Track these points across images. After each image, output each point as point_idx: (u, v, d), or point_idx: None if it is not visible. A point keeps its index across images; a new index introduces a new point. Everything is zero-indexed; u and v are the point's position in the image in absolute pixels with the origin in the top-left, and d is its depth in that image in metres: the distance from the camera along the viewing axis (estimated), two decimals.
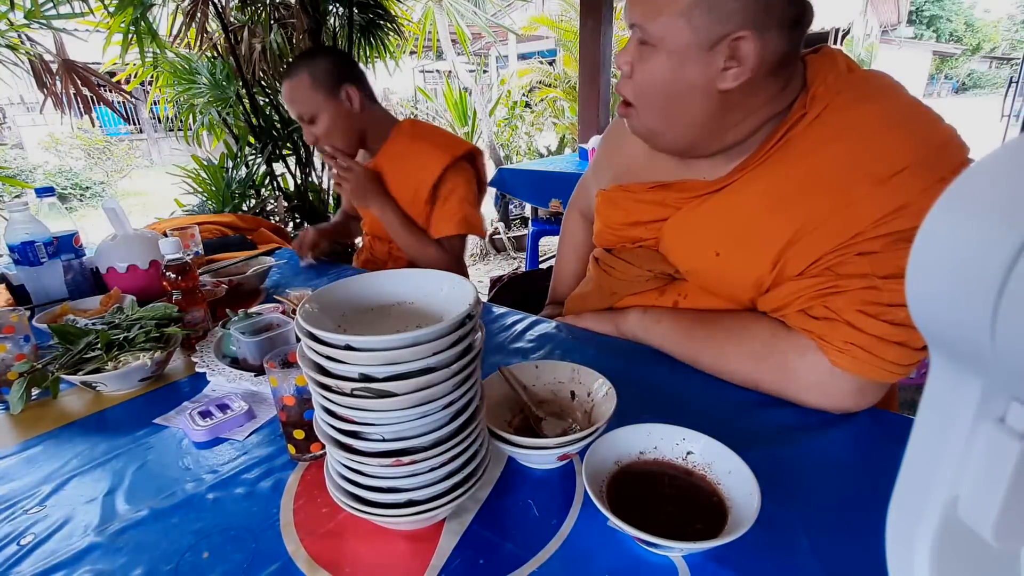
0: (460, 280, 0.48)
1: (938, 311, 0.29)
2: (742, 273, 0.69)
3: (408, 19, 3.37)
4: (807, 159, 0.64)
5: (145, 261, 1.10)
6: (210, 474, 0.59)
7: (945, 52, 19.42)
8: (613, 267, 0.85)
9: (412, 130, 1.32)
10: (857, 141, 0.62)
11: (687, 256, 0.75)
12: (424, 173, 1.27)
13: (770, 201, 0.66)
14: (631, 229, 0.81)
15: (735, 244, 0.69)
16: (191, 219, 1.66)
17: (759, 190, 0.67)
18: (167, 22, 2.37)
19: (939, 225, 0.30)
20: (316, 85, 1.21)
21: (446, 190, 1.27)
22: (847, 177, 0.61)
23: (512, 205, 4.61)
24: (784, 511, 0.49)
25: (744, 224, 0.68)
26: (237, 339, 0.79)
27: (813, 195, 0.63)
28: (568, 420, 0.61)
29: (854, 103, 0.63)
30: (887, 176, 0.59)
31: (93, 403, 0.74)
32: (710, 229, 0.72)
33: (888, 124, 0.61)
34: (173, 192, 2.85)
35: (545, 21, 6.17)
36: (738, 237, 0.69)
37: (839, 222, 0.61)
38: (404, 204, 1.31)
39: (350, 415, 0.42)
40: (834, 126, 0.63)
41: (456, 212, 1.27)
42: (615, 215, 0.83)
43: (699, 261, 0.74)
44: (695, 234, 0.73)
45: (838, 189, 0.61)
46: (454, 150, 1.28)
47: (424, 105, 5.75)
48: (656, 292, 0.82)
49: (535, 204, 2.97)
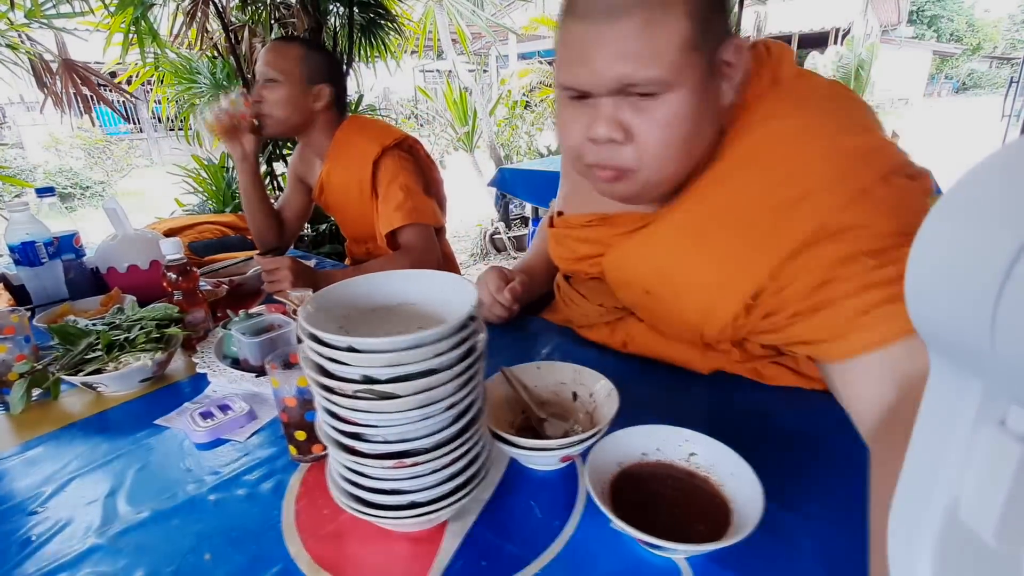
0: (462, 281, 0.47)
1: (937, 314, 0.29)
2: (675, 312, 0.66)
3: (409, 18, 3.36)
4: (719, 188, 0.60)
5: (146, 261, 1.09)
6: (211, 475, 0.58)
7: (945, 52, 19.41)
8: (571, 299, 0.85)
9: (350, 127, 1.31)
10: (765, 166, 0.58)
11: (624, 293, 0.74)
12: (360, 169, 1.26)
13: (689, 236, 0.62)
14: (576, 264, 0.79)
15: (661, 282, 0.66)
16: (191, 219, 1.66)
17: (677, 225, 0.63)
18: (168, 22, 2.37)
19: (938, 228, 0.29)
20: (301, 63, 1.23)
21: (384, 181, 1.25)
22: (758, 206, 0.57)
23: (512, 205, 4.61)
24: (786, 513, 0.49)
25: (667, 261, 0.64)
26: (238, 340, 0.78)
27: (728, 228, 0.59)
28: (570, 421, 0.61)
29: (765, 120, 0.59)
30: (796, 200, 0.55)
31: (94, 404, 0.74)
32: (639, 266, 0.68)
33: (797, 142, 0.57)
34: (173, 192, 2.85)
35: (545, 21, 6.17)
36: (664, 275, 0.65)
37: (760, 255, 0.57)
38: (355, 203, 1.30)
39: (352, 417, 0.42)
40: (746, 148, 0.59)
41: (402, 202, 1.23)
42: (559, 251, 0.81)
43: (635, 298, 0.72)
44: (627, 271, 0.70)
45: (750, 220, 0.57)
46: (383, 139, 1.27)
47: (424, 104, 5.75)
48: (608, 328, 0.82)
49: (536, 204, 2.97)
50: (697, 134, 0.58)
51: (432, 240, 1.28)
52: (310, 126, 1.29)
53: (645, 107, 0.55)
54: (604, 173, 0.60)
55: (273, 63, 1.21)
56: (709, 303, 0.62)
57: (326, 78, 1.26)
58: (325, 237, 2.65)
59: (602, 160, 0.59)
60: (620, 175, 0.60)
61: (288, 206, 1.48)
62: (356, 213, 1.33)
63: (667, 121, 0.55)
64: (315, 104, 1.26)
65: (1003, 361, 0.26)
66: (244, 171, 1.32)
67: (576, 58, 0.56)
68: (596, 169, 0.61)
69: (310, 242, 2.63)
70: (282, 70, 1.21)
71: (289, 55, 1.22)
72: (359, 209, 1.31)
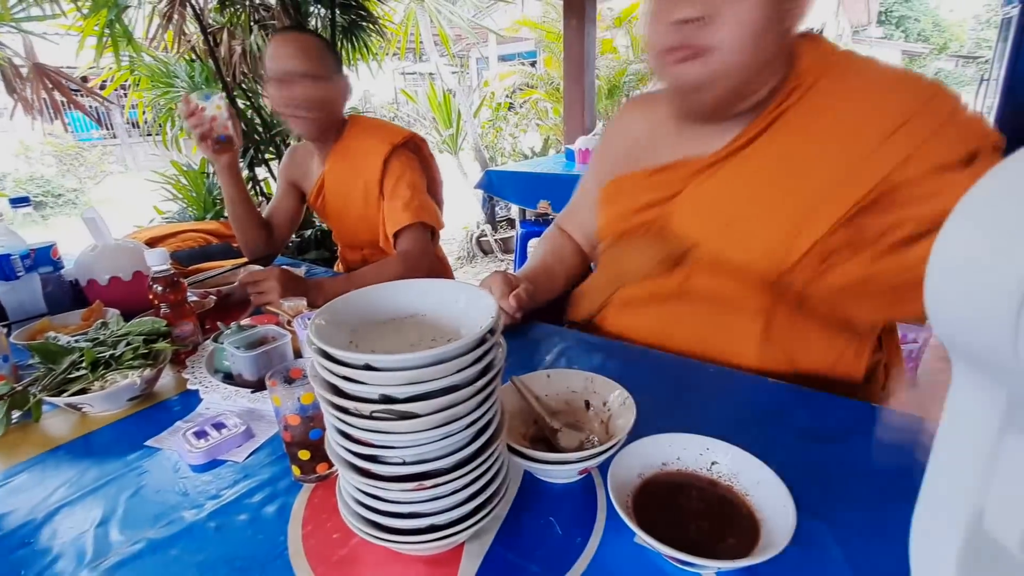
0: (479, 292, 0.45)
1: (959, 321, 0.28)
2: (759, 240, 0.69)
3: (390, 20, 3.33)
4: (812, 126, 0.67)
5: (128, 272, 1.05)
6: (210, 500, 0.55)
7: (914, 51, 19.92)
8: (619, 258, 0.84)
9: (354, 127, 1.28)
10: (858, 104, 0.66)
11: (702, 230, 0.75)
12: (368, 170, 1.23)
13: (784, 167, 0.68)
14: (638, 215, 0.81)
15: (751, 212, 0.70)
16: (173, 227, 1.60)
17: (771, 157, 0.69)
18: (143, 24, 2.31)
19: (958, 234, 0.28)
20: (325, 54, 1.17)
21: (392, 180, 1.22)
22: (856, 136, 0.64)
23: (498, 207, 4.59)
24: (812, 520, 0.48)
25: (758, 192, 0.69)
26: (231, 354, 0.75)
27: (825, 157, 0.65)
28: (585, 431, 0.59)
29: (845, 74, 0.68)
30: (892, 130, 0.63)
31: (79, 426, 0.70)
32: (723, 201, 0.72)
33: (881, 87, 0.66)
34: (151, 199, 2.77)
35: (528, 23, 6.16)
36: (753, 205, 0.70)
37: (856, 177, 0.64)
38: (358, 206, 1.27)
39: (368, 438, 0.39)
40: (832, 94, 0.67)
41: (410, 199, 1.20)
42: (613, 210, 0.83)
43: (714, 232, 0.74)
44: (709, 207, 0.73)
45: (849, 148, 0.64)
46: (392, 137, 1.24)
47: (407, 107, 5.71)
48: (665, 274, 0.80)
49: (523, 205, 2.96)
50: (768, 34, 0.63)
51: (427, 244, 1.25)
52: (338, 118, 1.25)
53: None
54: (682, 52, 0.65)
55: (304, 55, 1.12)
56: (804, 216, 0.66)
57: (340, 68, 1.22)
58: (311, 243, 2.60)
59: (683, 40, 0.64)
60: (698, 52, 0.64)
61: (278, 212, 1.43)
62: (357, 216, 1.30)
63: (743, 9, 0.62)
64: (346, 99, 1.22)
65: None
66: (231, 177, 1.26)
67: None
68: (674, 52, 0.66)
69: (295, 248, 2.57)
70: (318, 62, 1.13)
71: (313, 46, 1.15)
72: (361, 212, 1.28)
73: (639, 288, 0.83)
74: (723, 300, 0.75)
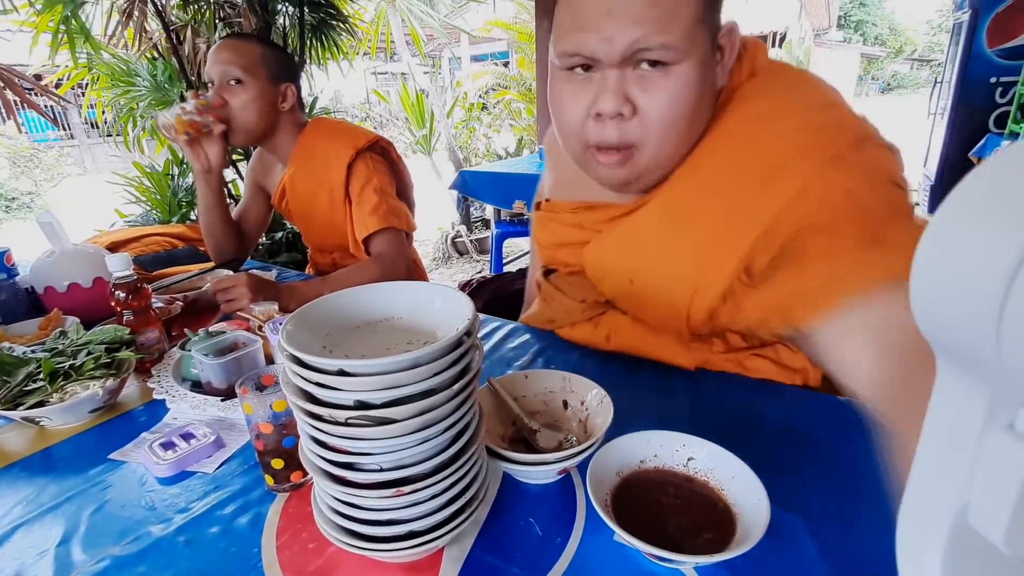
0: (454, 293, 0.45)
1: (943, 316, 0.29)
2: (661, 299, 0.66)
3: (360, 19, 3.29)
4: (698, 170, 0.62)
5: (88, 279, 1.01)
6: (179, 513, 0.53)
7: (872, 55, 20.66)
8: (551, 296, 0.83)
9: (315, 131, 1.24)
10: (741, 143, 0.60)
11: (608, 284, 0.73)
12: (331, 174, 1.20)
13: (669, 220, 0.63)
14: (558, 251, 0.79)
15: (646, 268, 0.66)
16: (136, 231, 1.55)
17: (659, 210, 0.64)
18: (102, 21, 2.22)
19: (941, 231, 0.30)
20: (264, 61, 1.15)
21: (358, 184, 1.19)
22: (735, 182, 0.58)
23: (473, 207, 4.58)
24: (786, 513, 0.49)
25: (652, 246, 0.65)
26: (199, 361, 0.73)
27: (711, 206, 0.60)
28: (563, 431, 0.59)
29: (742, 103, 0.61)
30: (770, 172, 0.56)
31: (36, 440, 0.67)
32: (623, 254, 0.68)
33: (768, 120, 0.59)
34: (112, 202, 2.67)
35: (500, 24, 6.16)
36: (649, 261, 0.65)
37: (745, 226, 0.57)
38: (323, 210, 1.24)
39: (344, 445, 0.38)
40: (721, 132, 0.61)
41: (378, 204, 1.18)
42: (543, 235, 0.81)
43: (619, 288, 0.71)
44: (611, 259, 0.70)
45: (729, 195, 0.59)
46: (355, 141, 1.21)
47: (379, 107, 5.64)
48: (591, 324, 0.80)
49: (498, 206, 2.96)
50: (699, 112, 0.58)
51: (402, 247, 1.23)
52: (275, 132, 1.22)
53: (653, 80, 0.55)
54: (608, 157, 0.60)
55: (234, 62, 1.11)
56: (696, 283, 0.61)
57: (288, 77, 1.20)
58: (282, 246, 2.55)
59: (605, 139, 0.58)
60: (625, 157, 0.59)
61: (247, 215, 1.40)
62: (324, 221, 1.27)
63: (674, 95, 0.55)
64: (282, 105, 1.19)
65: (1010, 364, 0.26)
66: (208, 183, 1.21)
67: (585, 23, 0.54)
68: (599, 153, 0.60)
69: (265, 251, 2.52)
70: (246, 69, 1.12)
71: (250, 53, 1.13)
72: (327, 216, 1.25)
73: (572, 332, 0.83)
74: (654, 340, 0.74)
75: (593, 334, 0.80)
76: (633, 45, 0.53)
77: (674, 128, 0.58)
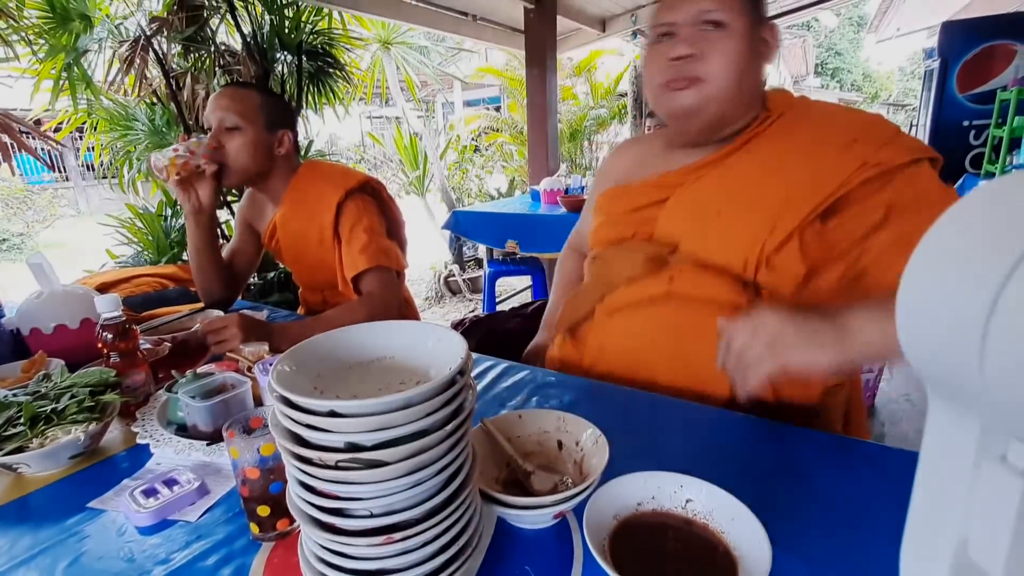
0: (447, 332, 0.45)
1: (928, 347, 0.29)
2: (742, 229, 0.77)
3: (357, 67, 3.39)
4: (782, 141, 0.80)
5: (76, 320, 1.00)
6: (159, 565, 0.51)
7: (849, 100, 21.59)
8: (611, 260, 0.89)
9: (307, 173, 1.28)
10: (816, 127, 0.79)
11: (691, 221, 0.83)
12: (321, 214, 1.22)
13: (760, 171, 0.79)
14: (633, 215, 0.88)
15: (735, 204, 0.79)
16: (126, 272, 1.54)
17: (749, 164, 0.80)
18: (103, 68, 2.28)
19: (922, 269, 0.30)
20: (261, 108, 1.19)
21: (347, 225, 1.21)
22: (816, 149, 0.76)
23: (466, 247, 4.62)
24: (785, 554, 0.48)
25: (741, 188, 0.79)
26: (186, 404, 0.71)
27: (794, 165, 0.77)
28: (559, 473, 0.58)
29: (807, 108, 0.83)
30: (845, 144, 0.74)
31: (13, 488, 0.65)
32: (711, 196, 0.81)
33: (837, 114, 0.80)
34: (104, 243, 2.67)
35: (492, 71, 6.39)
36: (737, 198, 0.79)
37: (819, 182, 0.74)
38: (313, 250, 1.26)
39: (334, 490, 0.37)
40: (797, 121, 0.81)
41: (367, 243, 1.19)
42: (618, 205, 0.91)
43: (703, 222, 0.81)
44: (698, 201, 0.82)
45: (812, 159, 0.76)
46: (346, 183, 1.24)
47: (374, 150, 5.76)
48: (651, 276, 0.83)
49: (491, 245, 2.98)
50: (746, 70, 0.77)
51: (393, 286, 1.23)
52: (269, 175, 1.24)
53: (712, 38, 0.76)
54: (678, 82, 0.78)
55: (232, 108, 1.16)
56: (779, 215, 0.75)
57: (285, 123, 1.24)
58: (273, 286, 2.54)
59: (679, 74, 0.77)
60: (691, 82, 0.77)
61: (237, 255, 1.40)
62: (314, 260, 1.28)
63: (726, 48, 0.76)
64: (278, 150, 1.23)
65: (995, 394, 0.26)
66: (199, 224, 1.22)
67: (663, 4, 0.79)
68: (671, 84, 0.79)
69: (257, 291, 2.51)
70: (243, 116, 1.16)
71: (248, 101, 1.18)
72: (317, 256, 1.25)
73: (626, 292, 0.85)
74: (705, 300, 0.78)
75: (654, 282, 0.83)
76: (699, 11, 0.76)
77: (727, 73, 0.76)
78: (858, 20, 22.19)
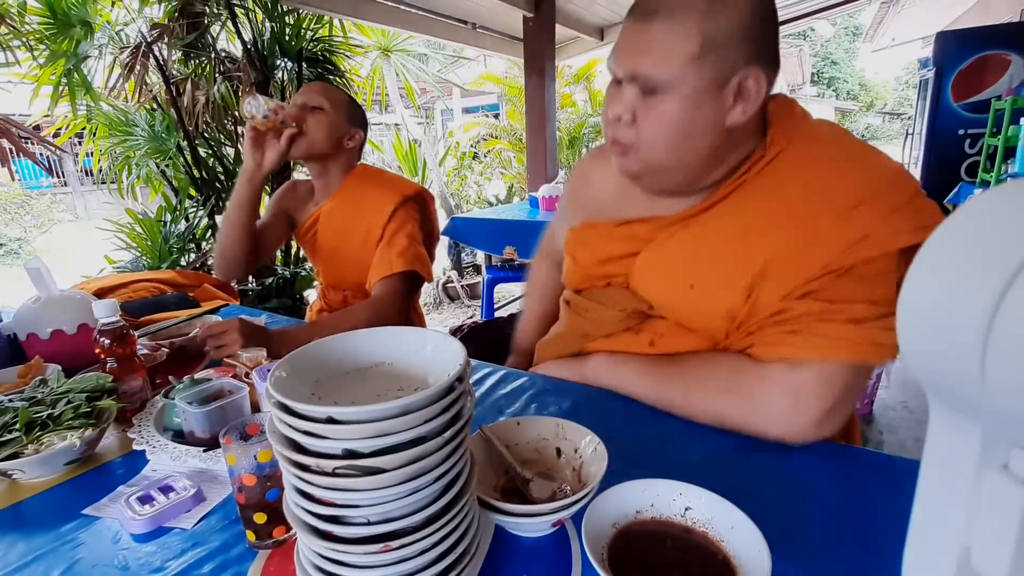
0: (445, 339, 0.45)
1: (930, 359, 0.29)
2: (717, 303, 0.70)
3: (357, 74, 3.41)
4: (772, 195, 0.68)
5: (73, 325, 0.99)
6: (153, 573, 0.51)
7: (845, 108, 21.72)
8: (585, 309, 0.84)
9: (363, 174, 1.35)
10: (816, 178, 0.66)
11: (662, 290, 0.76)
12: (374, 215, 1.28)
13: (740, 232, 0.69)
14: (602, 266, 0.81)
15: (708, 274, 0.71)
16: (124, 277, 1.54)
17: (729, 222, 0.70)
18: (103, 74, 2.28)
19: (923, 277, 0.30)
20: (345, 104, 1.29)
21: (394, 228, 1.28)
22: (811, 211, 0.65)
23: (464, 253, 4.62)
24: (786, 564, 0.47)
25: (716, 255, 0.71)
26: (183, 410, 0.71)
27: (781, 228, 0.66)
28: (557, 480, 0.58)
29: (810, 145, 0.69)
30: (847, 209, 0.63)
31: (7, 494, 0.64)
32: (683, 261, 0.73)
33: (842, 161, 0.67)
34: (103, 248, 2.66)
35: (491, 78, 6.42)
36: (711, 267, 0.71)
37: (809, 253, 0.64)
38: (354, 248, 1.30)
39: (331, 497, 0.37)
40: (793, 165, 0.68)
41: (406, 248, 1.25)
42: (585, 253, 0.83)
43: (674, 294, 0.75)
44: (669, 267, 0.74)
45: (804, 222, 0.65)
46: (404, 190, 1.32)
47: (373, 156, 5.78)
48: (630, 333, 0.81)
49: (489, 251, 2.99)
50: (688, 136, 0.66)
51: (402, 293, 1.26)
52: (331, 161, 1.31)
53: (648, 100, 0.65)
54: (615, 146, 0.71)
55: (321, 92, 1.26)
56: (753, 286, 0.67)
57: (360, 124, 1.32)
58: (271, 291, 2.54)
59: (614, 135, 0.70)
60: (624, 150, 0.69)
61: (263, 234, 1.41)
62: (351, 258, 1.32)
63: (659, 116, 0.65)
64: (347, 143, 1.30)
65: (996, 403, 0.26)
66: (251, 182, 1.24)
67: (616, 46, 0.69)
68: (612, 145, 0.71)
69: (256, 296, 2.50)
70: (332, 102, 1.25)
71: (336, 93, 1.28)
72: (355, 255, 1.30)
73: (605, 343, 0.83)
74: (696, 343, 0.76)
75: (634, 341, 0.80)
76: (630, 70, 0.65)
77: (660, 142, 0.66)
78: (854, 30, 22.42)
